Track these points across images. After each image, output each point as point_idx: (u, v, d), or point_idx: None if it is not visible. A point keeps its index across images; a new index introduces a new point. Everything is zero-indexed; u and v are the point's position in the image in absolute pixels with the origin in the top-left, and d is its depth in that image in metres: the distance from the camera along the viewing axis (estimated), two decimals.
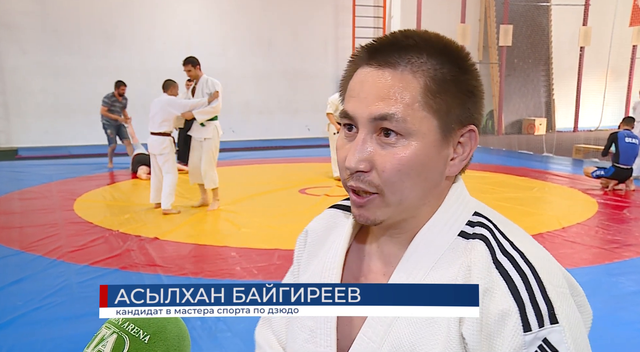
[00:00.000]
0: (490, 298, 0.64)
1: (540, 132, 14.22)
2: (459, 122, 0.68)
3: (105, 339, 0.61)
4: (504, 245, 0.68)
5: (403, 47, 0.67)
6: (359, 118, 0.67)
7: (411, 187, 0.67)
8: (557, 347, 0.61)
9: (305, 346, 0.77)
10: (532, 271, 0.65)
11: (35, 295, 3.37)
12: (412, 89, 0.65)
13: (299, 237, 0.91)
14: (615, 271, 3.85)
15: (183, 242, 4.54)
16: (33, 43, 11.25)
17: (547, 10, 15.17)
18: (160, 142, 5.44)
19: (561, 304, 0.64)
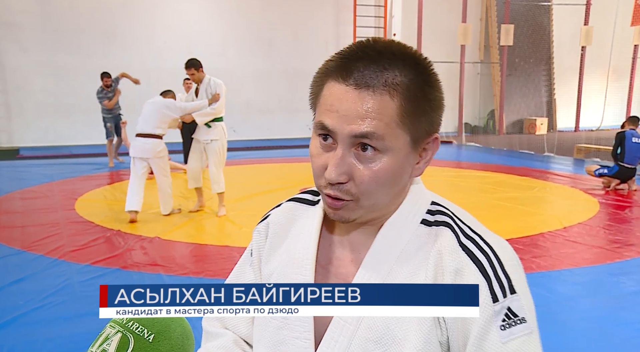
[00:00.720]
0: (462, 277, 0.73)
1: (541, 132, 14.21)
2: (426, 134, 0.76)
3: (109, 338, 0.61)
4: (465, 230, 0.78)
5: (378, 68, 0.70)
6: (339, 134, 0.72)
7: (384, 193, 0.75)
8: (518, 313, 0.72)
9: (279, 332, 0.81)
10: (491, 250, 0.75)
11: (36, 294, 3.37)
12: (389, 109, 0.70)
13: (258, 228, 0.93)
14: (616, 271, 3.85)
15: (184, 242, 4.54)
16: (34, 42, 11.26)
17: (549, 10, 15.15)
18: (155, 145, 5.18)
19: (515, 275, 0.75)
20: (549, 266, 3.89)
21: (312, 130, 0.77)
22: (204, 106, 5.25)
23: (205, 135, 5.33)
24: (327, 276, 0.82)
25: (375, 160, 0.72)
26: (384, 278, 0.76)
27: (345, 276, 0.80)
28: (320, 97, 0.75)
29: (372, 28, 14.08)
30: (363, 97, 0.70)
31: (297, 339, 0.79)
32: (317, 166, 0.75)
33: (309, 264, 0.81)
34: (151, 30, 12.16)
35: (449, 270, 0.74)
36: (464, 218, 0.80)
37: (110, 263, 3.97)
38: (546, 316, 3.06)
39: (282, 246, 0.88)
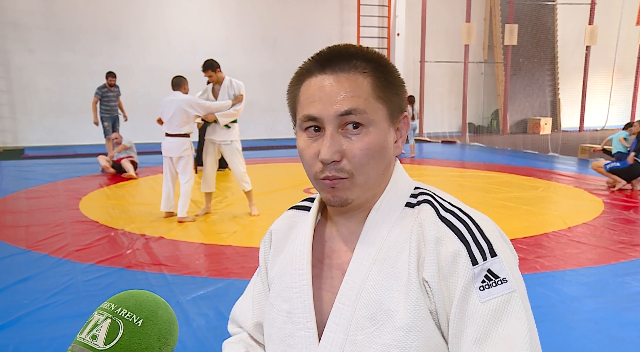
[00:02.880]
0: (442, 244, 0.77)
1: (545, 132, 14.17)
2: (398, 110, 0.84)
3: (99, 324, 0.63)
4: (445, 205, 0.83)
5: (348, 55, 0.81)
6: (325, 117, 0.78)
7: (374, 167, 0.80)
8: (498, 274, 0.75)
9: (284, 327, 0.86)
10: (470, 219, 0.80)
11: (41, 293, 3.38)
12: (364, 86, 0.79)
13: (264, 239, 1.01)
14: (621, 271, 3.83)
15: (188, 242, 4.55)
16: (38, 42, 11.30)
17: (553, 9, 15.11)
18: (180, 143, 5.13)
19: (496, 241, 0.78)
20: (553, 266, 3.88)
21: (297, 131, 0.84)
22: (227, 106, 5.20)
23: (224, 136, 5.26)
24: (324, 268, 0.87)
25: (362, 134, 0.78)
26: (374, 262, 0.80)
27: (340, 265, 0.85)
28: (299, 95, 0.82)
29: (375, 28, 14.07)
30: (340, 80, 0.79)
31: (301, 330, 0.83)
32: (309, 156, 0.81)
33: (304, 259, 0.86)
34: (155, 29, 12.19)
35: (429, 239, 0.77)
36: (444, 197, 0.85)
37: (115, 262, 3.98)
38: (551, 316, 3.05)
39: (284, 250, 0.94)
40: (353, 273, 0.81)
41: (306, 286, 0.84)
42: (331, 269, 0.86)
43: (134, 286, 3.53)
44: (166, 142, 5.21)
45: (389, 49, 14.14)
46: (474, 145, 12.37)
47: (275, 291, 0.90)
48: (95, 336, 0.62)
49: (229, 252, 4.26)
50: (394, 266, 0.79)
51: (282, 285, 0.89)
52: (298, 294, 0.85)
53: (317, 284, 0.86)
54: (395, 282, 0.78)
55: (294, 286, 0.86)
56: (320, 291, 0.85)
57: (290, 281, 0.87)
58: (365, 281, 0.80)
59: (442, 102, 15.07)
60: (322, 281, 0.86)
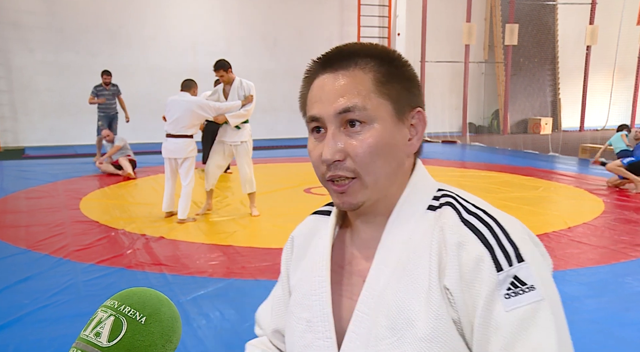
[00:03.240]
0: (464, 249, 0.72)
1: (546, 132, 14.17)
2: (409, 105, 0.80)
3: (102, 321, 0.63)
4: (468, 207, 0.78)
5: (349, 53, 0.79)
6: (325, 116, 0.77)
7: (382, 166, 0.77)
8: (525, 281, 0.70)
9: (304, 336, 0.84)
10: (495, 222, 0.75)
11: (42, 293, 3.39)
12: (364, 82, 0.77)
13: (286, 245, 0.99)
14: (621, 271, 3.83)
15: (188, 241, 4.55)
16: (39, 42, 11.31)
17: (554, 9, 15.10)
18: (186, 145, 5.10)
19: (523, 245, 0.73)
20: (553, 266, 3.87)
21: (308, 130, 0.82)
22: (237, 107, 5.19)
23: (235, 137, 5.26)
24: (345, 275, 0.84)
25: (364, 132, 0.76)
26: (394, 268, 0.77)
27: (361, 272, 0.82)
28: (307, 99, 0.81)
29: (376, 28, 14.07)
30: (338, 77, 0.77)
31: (320, 339, 0.81)
32: (315, 158, 0.79)
33: (324, 266, 0.84)
34: (156, 29, 12.20)
35: (451, 244, 0.73)
36: (468, 198, 0.81)
37: (115, 262, 3.98)
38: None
39: (306, 256, 0.92)
40: (373, 281, 0.78)
41: (325, 294, 0.82)
42: (352, 276, 0.83)
43: (134, 285, 3.52)
44: (169, 143, 5.12)
45: None
46: (475, 145, 12.37)
47: (296, 299, 0.88)
48: (98, 333, 0.62)
49: (230, 252, 4.26)
50: (414, 272, 0.75)
51: (302, 293, 0.87)
52: (317, 302, 0.82)
53: (337, 290, 0.83)
54: (415, 290, 0.74)
55: (313, 294, 0.84)
56: (341, 298, 0.83)
57: (309, 288, 0.85)
58: (385, 289, 0.76)
59: (442, 102, 15.07)
60: (343, 287, 0.83)
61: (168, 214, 5.34)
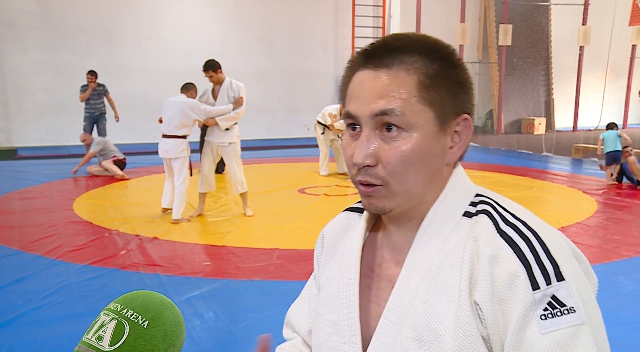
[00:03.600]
0: (498, 263, 0.68)
1: (539, 132, 14.23)
2: (453, 112, 0.74)
3: (105, 325, 0.63)
4: (506, 216, 0.73)
5: (395, 49, 0.73)
6: (361, 116, 0.73)
7: (415, 176, 0.73)
8: (564, 302, 0.65)
9: (330, 339, 0.81)
10: (534, 235, 0.69)
11: (35, 294, 3.37)
12: (407, 85, 0.71)
13: (317, 242, 0.95)
14: (615, 271, 3.85)
15: (182, 242, 4.54)
16: (34, 42, 11.25)
17: (547, 10, 15.17)
18: (177, 145, 5.12)
19: (564, 262, 0.67)
20: None
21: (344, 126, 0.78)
22: (228, 110, 5.17)
23: (223, 138, 5.21)
24: (374, 278, 0.81)
25: (399, 139, 0.71)
26: (424, 277, 0.73)
27: (390, 277, 0.78)
28: (347, 92, 0.77)
29: (370, 28, 14.08)
30: (380, 75, 0.72)
31: (345, 344, 0.78)
32: (348, 157, 0.75)
33: (352, 268, 0.81)
34: (152, 29, 12.16)
35: (484, 257, 0.69)
36: (508, 206, 0.76)
37: (109, 263, 3.97)
38: None
39: (335, 254, 0.89)
40: (401, 288, 0.74)
41: (353, 298, 0.79)
42: (380, 280, 0.80)
43: (128, 286, 3.52)
44: (163, 143, 5.20)
45: None
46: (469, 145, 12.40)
47: (323, 300, 0.85)
48: (100, 337, 0.62)
49: (224, 253, 4.25)
50: (445, 284, 0.71)
51: (329, 294, 0.84)
52: (344, 305, 0.79)
53: (365, 295, 0.80)
54: (445, 302, 0.70)
55: (340, 296, 0.80)
56: (369, 303, 0.80)
57: (337, 290, 0.82)
58: (414, 298, 0.73)
59: None
60: (372, 292, 0.80)
61: (164, 209, 5.42)
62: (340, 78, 0.83)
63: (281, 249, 4.29)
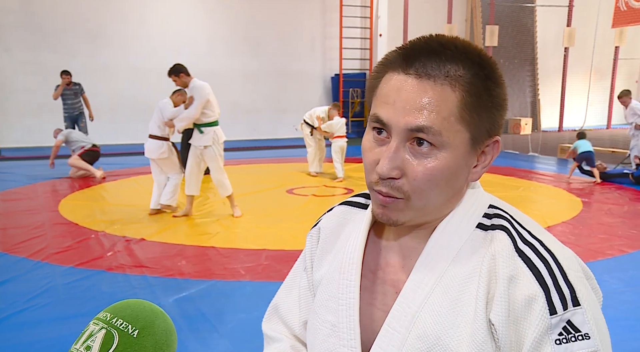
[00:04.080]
0: (516, 285, 0.67)
1: (525, 132, 14.36)
2: (487, 134, 0.71)
3: (93, 334, 0.62)
4: (524, 234, 0.71)
5: (440, 54, 0.68)
6: (393, 126, 0.68)
7: (438, 195, 0.70)
8: (580, 328, 0.65)
9: (327, 340, 0.78)
10: (552, 258, 0.68)
11: (20, 297, 3.33)
12: (449, 102, 0.67)
13: (311, 233, 0.91)
14: (599, 269, 3.90)
15: (170, 243, 4.51)
16: (16, 41, 11.10)
17: (532, 11, 15.32)
18: (157, 146, 5.34)
19: (581, 287, 0.68)
20: None
21: (367, 125, 0.74)
22: (180, 112, 5.19)
23: (199, 141, 5.17)
24: (376, 281, 0.79)
25: (430, 157, 0.68)
26: (434, 285, 0.71)
27: (395, 282, 0.76)
28: (378, 89, 0.72)
29: (358, 28, 14.11)
30: (423, 87, 0.67)
31: (344, 347, 0.76)
32: (369, 161, 0.71)
33: (354, 269, 0.78)
34: (137, 30, 12.06)
35: (502, 277, 0.67)
36: (524, 222, 0.74)
37: (95, 265, 3.93)
38: None
39: (332, 251, 0.86)
40: (408, 296, 0.72)
41: (353, 300, 0.77)
42: (384, 284, 0.77)
43: (115, 288, 3.49)
44: (146, 143, 5.42)
45: (371, 50, 14.20)
46: None
47: (321, 300, 0.82)
48: (89, 347, 0.60)
49: (212, 254, 4.23)
50: (459, 298, 0.70)
51: (328, 294, 0.81)
52: (344, 307, 0.77)
53: (367, 298, 0.78)
54: (458, 318, 0.69)
55: (340, 298, 0.78)
56: (371, 307, 0.78)
57: (337, 291, 0.79)
58: (422, 309, 0.71)
59: None
60: (374, 295, 0.78)
61: (152, 210, 5.48)
62: (327, 78, 0.80)
63: (269, 249, 4.28)
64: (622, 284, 3.63)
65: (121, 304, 0.65)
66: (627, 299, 3.39)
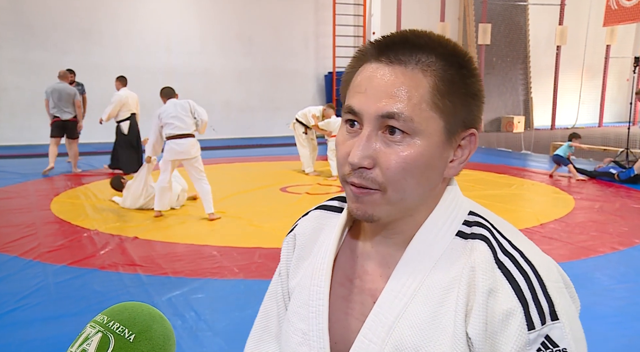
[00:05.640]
0: (495, 298, 0.65)
1: (518, 130, 14.42)
2: (462, 125, 0.69)
3: (89, 337, 0.61)
4: (504, 245, 0.69)
5: (414, 46, 0.67)
6: (364, 114, 0.67)
7: (414, 186, 0.67)
8: (558, 343, 0.63)
9: (298, 349, 0.76)
10: (532, 270, 0.67)
11: (11, 296, 3.30)
12: (421, 88, 0.66)
13: (287, 240, 0.88)
14: (591, 267, 3.93)
15: (163, 242, 4.50)
16: (6, 39, 11.01)
17: (525, 10, 15.38)
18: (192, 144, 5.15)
19: (560, 300, 0.66)
20: None
21: (342, 119, 0.72)
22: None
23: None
24: (354, 291, 0.76)
25: (403, 145, 0.66)
26: (413, 295, 0.69)
27: (373, 291, 0.73)
28: (351, 81, 0.71)
29: (351, 26, 14.11)
30: (394, 73, 0.66)
31: None
32: (342, 154, 0.69)
33: (323, 276, 0.76)
34: (129, 27, 11.99)
35: (481, 289, 0.65)
36: (504, 231, 0.72)
37: (88, 263, 3.91)
38: None
39: (309, 257, 0.83)
40: (385, 306, 0.69)
41: (322, 307, 0.74)
42: (362, 294, 0.74)
43: (108, 287, 3.48)
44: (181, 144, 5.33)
45: None
46: None
47: (293, 307, 0.80)
48: (85, 350, 0.59)
49: (205, 252, 4.22)
50: (438, 310, 0.67)
51: (300, 301, 0.79)
52: (314, 315, 0.75)
53: (344, 307, 0.75)
54: (438, 330, 0.67)
55: (310, 305, 0.76)
56: (348, 317, 0.74)
57: (308, 298, 0.77)
58: (399, 320, 0.68)
59: None
60: (351, 305, 0.75)
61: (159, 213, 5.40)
62: (321, 76, 0.78)
63: (263, 248, 4.27)
64: (613, 281, 3.66)
65: (119, 307, 0.64)
66: (618, 296, 3.41)
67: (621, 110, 17.72)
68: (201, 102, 5.83)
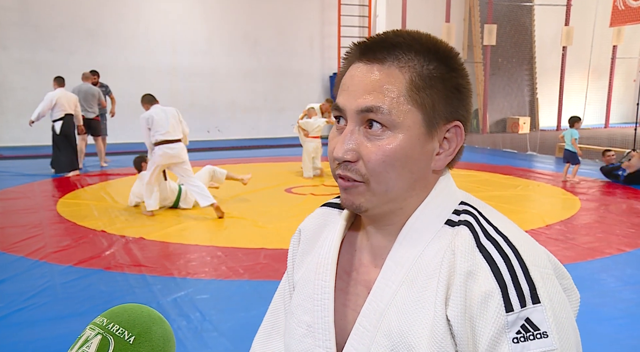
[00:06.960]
0: (474, 281, 0.66)
1: (524, 131, 14.37)
2: (444, 118, 0.71)
3: (89, 340, 0.60)
4: (488, 230, 0.70)
5: (392, 44, 0.71)
6: (347, 110, 0.71)
7: (396, 178, 0.70)
8: (538, 326, 0.63)
9: (303, 340, 0.79)
10: (514, 254, 0.67)
11: (17, 296, 3.32)
12: (397, 83, 0.69)
13: (293, 237, 0.92)
14: (597, 268, 3.91)
15: (168, 242, 4.51)
16: (13, 39, 11.07)
17: (531, 10, 15.32)
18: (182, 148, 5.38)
19: (544, 284, 0.65)
20: None
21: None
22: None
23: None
24: (350, 283, 0.79)
25: (383, 138, 0.69)
26: (400, 285, 0.71)
27: (367, 282, 0.76)
28: (340, 84, 0.75)
29: (356, 27, 14.11)
30: (372, 71, 0.70)
31: (320, 347, 0.77)
32: (329, 150, 0.74)
33: (328, 270, 0.79)
34: (135, 28, 12.04)
35: (460, 272, 0.66)
36: (492, 218, 0.73)
37: (93, 264, 3.92)
38: None
39: (312, 251, 0.86)
40: (377, 295, 0.72)
41: (327, 301, 0.77)
42: (357, 285, 0.78)
43: (113, 288, 3.49)
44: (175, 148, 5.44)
45: None
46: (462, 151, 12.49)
47: (297, 300, 0.83)
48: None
49: (210, 253, 4.23)
50: (422, 296, 0.69)
51: (304, 294, 0.82)
52: (319, 308, 0.78)
53: (342, 299, 0.79)
54: (420, 314, 0.68)
55: (315, 298, 0.79)
56: (345, 308, 0.78)
57: (312, 291, 0.80)
58: (389, 306, 0.71)
59: None
60: (348, 297, 0.78)
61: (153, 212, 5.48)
62: (326, 77, 0.81)
63: (268, 248, 4.28)
64: (620, 283, 3.64)
65: (118, 309, 0.64)
66: (625, 297, 3.39)
67: (628, 111, 17.63)
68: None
